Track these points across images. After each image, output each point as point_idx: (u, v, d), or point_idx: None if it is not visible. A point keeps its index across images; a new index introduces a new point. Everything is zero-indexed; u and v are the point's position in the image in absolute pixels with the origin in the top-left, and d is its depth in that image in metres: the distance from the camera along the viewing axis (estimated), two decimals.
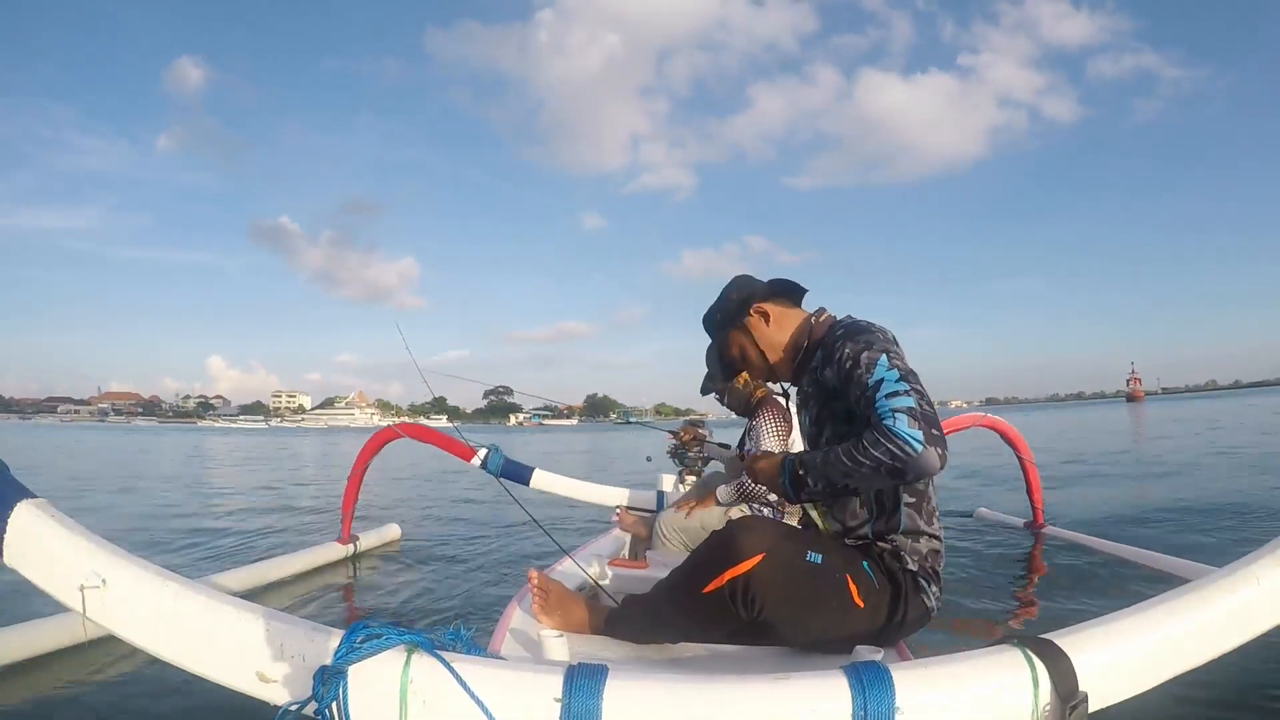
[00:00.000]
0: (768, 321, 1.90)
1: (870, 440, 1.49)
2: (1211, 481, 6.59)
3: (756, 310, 1.90)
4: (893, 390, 1.53)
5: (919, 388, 1.55)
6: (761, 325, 1.90)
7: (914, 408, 1.49)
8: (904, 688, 1.06)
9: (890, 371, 1.57)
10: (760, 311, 1.90)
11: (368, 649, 1.03)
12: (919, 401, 1.51)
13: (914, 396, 1.51)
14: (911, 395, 1.51)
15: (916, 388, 1.54)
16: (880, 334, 1.69)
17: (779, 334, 1.90)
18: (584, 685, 1.04)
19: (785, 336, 1.90)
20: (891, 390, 1.53)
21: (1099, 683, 1.13)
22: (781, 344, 1.90)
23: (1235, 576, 1.27)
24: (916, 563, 1.69)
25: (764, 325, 1.90)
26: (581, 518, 5.51)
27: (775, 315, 1.90)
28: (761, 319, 1.90)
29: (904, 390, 1.52)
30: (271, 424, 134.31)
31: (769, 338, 1.90)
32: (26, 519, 1.19)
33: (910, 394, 1.52)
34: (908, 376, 1.56)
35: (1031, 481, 4.66)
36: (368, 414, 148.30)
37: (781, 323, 1.90)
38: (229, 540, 5.31)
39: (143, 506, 7.62)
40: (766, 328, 1.90)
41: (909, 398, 1.51)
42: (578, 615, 1.82)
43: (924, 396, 1.53)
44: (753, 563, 1.51)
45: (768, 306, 1.90)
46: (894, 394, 1.52)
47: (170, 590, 1.16)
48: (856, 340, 1.66)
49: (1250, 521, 4.76)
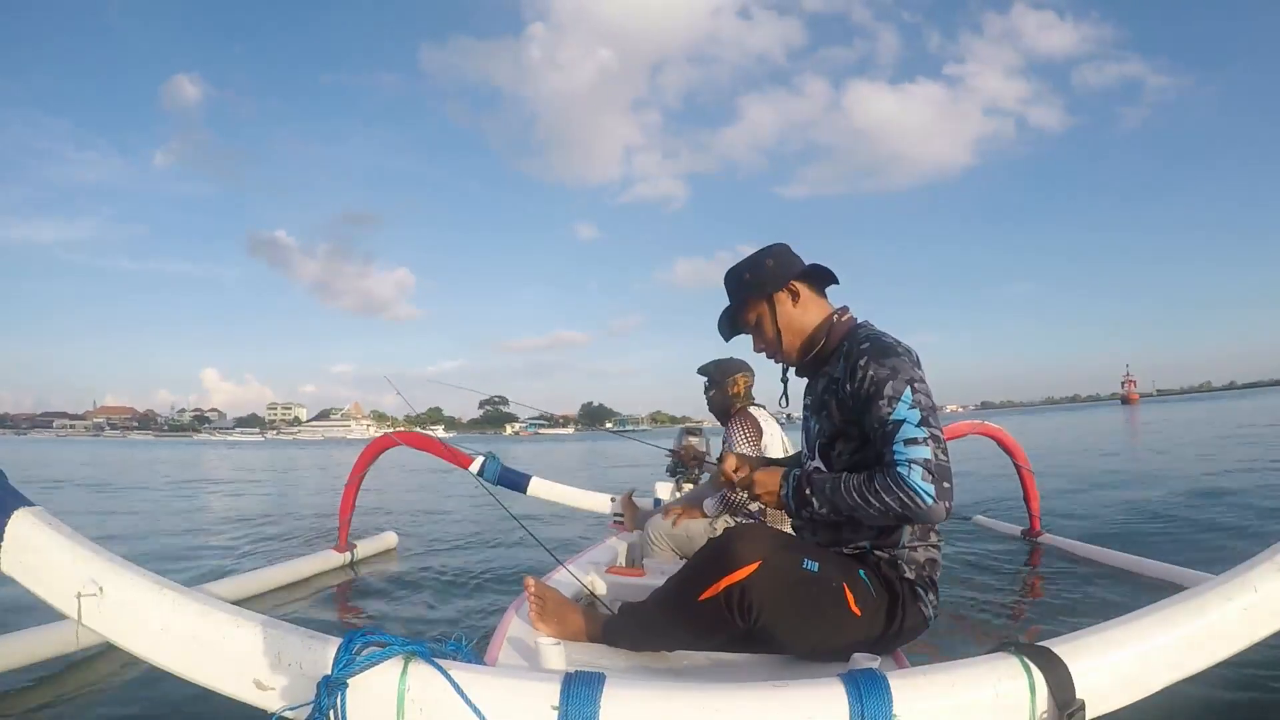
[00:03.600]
0: (795, 302, 1.84)
1: (882, 485, 1.53)
2: (1207, 487, 6.59)
3: (789, 287, 1.84)
4: (911, 437, 1.54)
5: (937, 432, 1.55)
6: (788, 303, 1.84)
7: (930, 459, 1.51)
8: (901, 695, 1.06)
9: (912, 411, 1.56)
10: (792, 290, 1.84)
11: (365, 658, 1.03)
12: (935, 451, 1.53)
13: (931, 446, 1.53)
14: (929, 445, 1.53)
15: (935, 433, 1.55)
16: (905, 358, 1.64)
17: (803, 318, 1.84)
18: (581, 693, 1.04)
19: (808, 323, 1.84)
20: (910, 437, 1.54)
21: (1096, 690, 1.13)
22: (803, 330, 1.84)
23: (1232, 584, 1.27)
24: (914, 572, 1.68)
25: (791, 305, 1.84)
26: (582, 524, 5.50)
27: (804, 298, 1.85)
28: (790, 297, 1.84)
29: (923, 438, 1.53)
30: (268, 436, 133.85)
31: (792, 319, 1.84)
32: (24, 527, 1.19)
33: (928, 443, 1.53)
34: (928, 419, 1.56)
35: (1029, 489, 4.66)
36: (364, 425, 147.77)
37: (808, 308, 1.85)
38: (226, 548, 5.30)
39: (140, 516, 7.59)
40: (793, 308, 1.84)
41: (926, 448, 1.52)
42: (575, 623, 1.81)
43: (940, 443, 1.54)
44: (749, 570, 1.50)
45: (800, 287, 1.84)
46: (913, 441, 1.53)
47: (167, 598, 1.16)
48: (882, 363, 1.62)
49: (1247, 528, 4.76)
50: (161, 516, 7.43)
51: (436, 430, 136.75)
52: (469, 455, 4.01)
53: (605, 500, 4.49)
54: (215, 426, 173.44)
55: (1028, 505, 4.67)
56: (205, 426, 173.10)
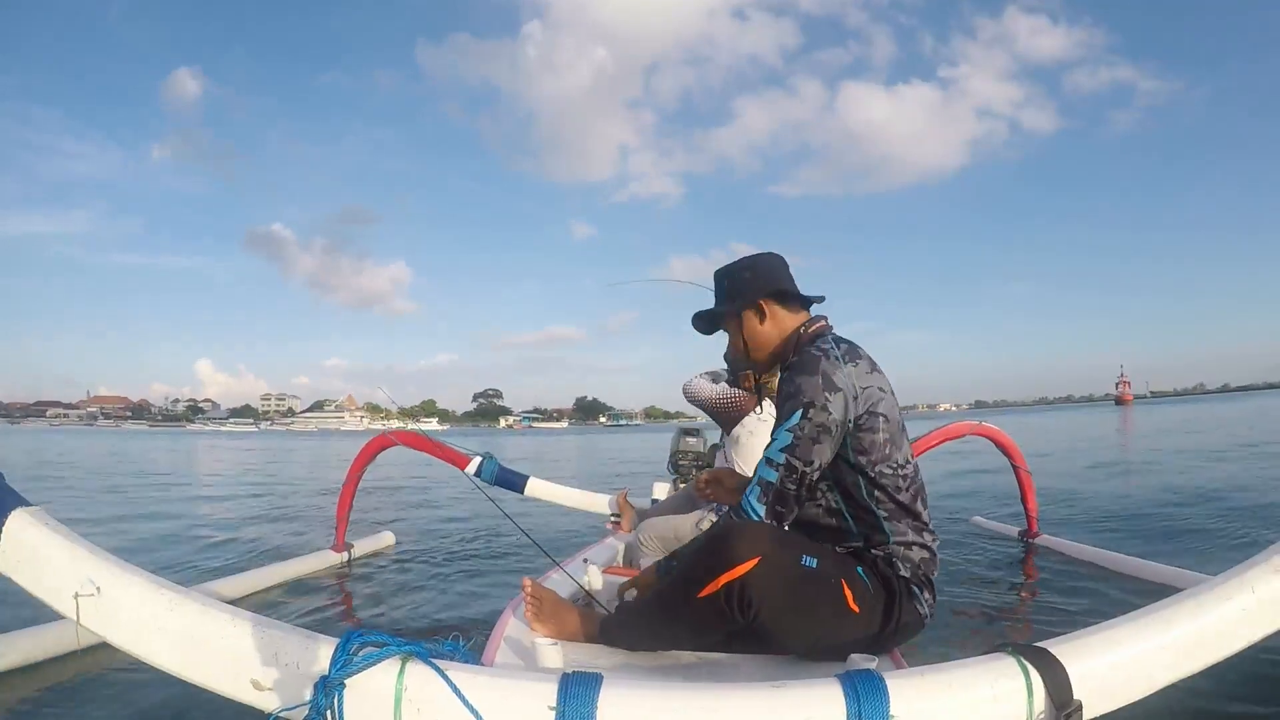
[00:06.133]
0: (762, 320, 1.89)
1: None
2: (1203, 488, 6.60)
3: (757, 304, 1.88)
4: (769, 458, 1.66)
5: (797, 462, 1.63)
6: (754, 321, 1.89)
7: (773, 483, 1.64)
8: (899, 696, 1.06)
9: (786, 434, 1.64)
10: (760, 308, 1.88)
11: (362, 658, 1.03)
12: (782, 478, 1.64)
13: (780, 472, 1.63)
14: (780, 471, 1.63)
15: (794, 462, 1.63)
16: (822, 377, 1.65)
17: (767, 334, 1.89)
18: (578, 693, 1.04)
19: (775, 339, 1.89)
20: (769, 457, 1.66)
21: (1093, 691, 1.14)
22: (766, 346, 1.90)
23: (1229, 585, 1.28)
24: (909, 569, 1.69)
25: (757, 323, 1.89)
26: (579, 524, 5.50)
27: (772, 315, 1.88)
28: (758, 315, 1.89)
29: (779, 464, 1.63)
30: (261, 427, 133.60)
31: (756, 335, 1.90)
32: (21, 526, 1.19)
33: (780, 469, 1.63)
34: (796, 447, 1.63)
35: (1026, 490, 4.66)
36: (357, 417, 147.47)
37: (777, 323, 1.89)
38: (223, 547, 5.28)
39: (136, 512, 7.58)
40: (759, 325, 1.89)
41: (776, 472, 1.64)
42: (572, 623, 1.81)
43: (794, 473, 1.63)
44: (748, 566, 1.50)
45: (769, 305, 1.88)
46: (769, 461, 1.65)
47: (164, 598, 1.16)
48: (794, 380, 1.69)
49: (1244, 529, 4.77)
50: (159, 514, 7.41)
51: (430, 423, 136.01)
52: (466, 456, 4.01)
53: (602, 500, 4.49)
54: (209, 417, 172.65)
55: (1025, 506, 4.67)
56: (199, 417, 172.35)
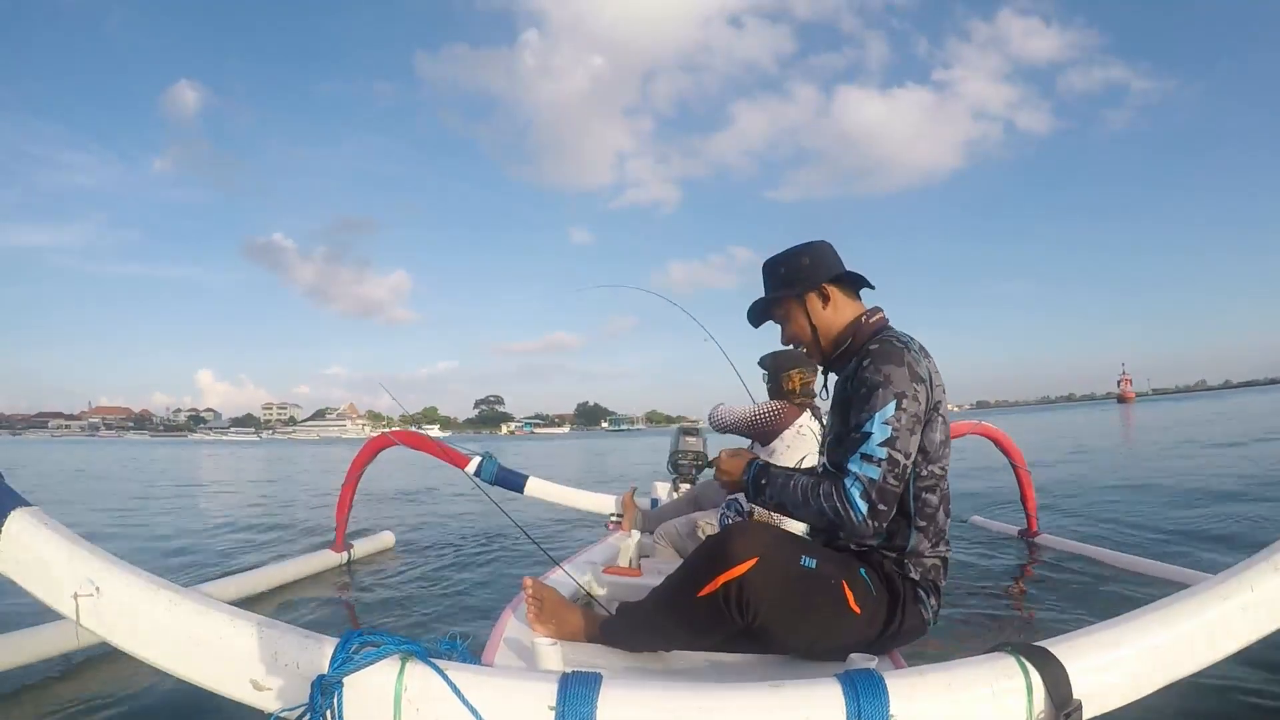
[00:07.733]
0: (825, 304, 1.88)
1: (825, 490, 1.61)
2: (1203, 486, 6.60)
3: (820, 289, 1.87)
4: (869, 454, 1.60)
5: (898, 456, 1.60)
6: (819, 304, 1.88)
7: (876, 480, 1.59)
8: (898, 695, 1.06)
9: (884, 428, 1.61)
10: (823, 292, 1.88)
11: (362, 657, 1.03)
12: (885, 474, 1.59)
13: (883, 468, 1.59)
14: (881, 466, 1.59)
15: (895, 455, 1.60)
16: (909, 369, 1.66)
17: (832, 319, 1.88)
18: (578, 694, 1.04)
19: (837, 324, 1.88)
20: (868, 453, 1.60)
21: (1093, 690, 1.13)
22: (830, 330, 1.88)
23: (1229, 583, 1.28)
24: (919, 574, 1.70)
25: (821, 306, 1.88)
26: (579, 524, 5.50)
27: (835, 300, 1.88)
28: (821, 299, 1.88)
29: (879, 459, 1.59)
30: (263, 436, 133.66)
31: (821, 319, 1.88)
32: (20, 526, 1.19)
33: (882, 464, 1.59)
34: (895, 440, 1.60)
35: (1026, 489, 4.66)
36: (359, 425, 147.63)
37: (839, 309, 1.88)
38: (223, 548, 5.29)
39: (137, 516, 7.58)
40: (823, 309, 1.88)
41: (878, 469, 1.59)
42: (572, 623, 1.81)
43: (896, 468, 1.60)
44: (746, 566, 1.50)
45: (832, 289, 1.88)
46: (869, 458, 1.60)
47: (164, 598, 1.16)
48: (880, 369, 1.66)
49: (1243, 527, 4.76)
50: (159, 516, 7.41)
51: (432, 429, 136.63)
52: (466, 455, 4.01)
53: (602, 500, 4.48)
54: (210, 427, 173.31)
55: (1025, 505, 4.67)
56: (200, 426, 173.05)
